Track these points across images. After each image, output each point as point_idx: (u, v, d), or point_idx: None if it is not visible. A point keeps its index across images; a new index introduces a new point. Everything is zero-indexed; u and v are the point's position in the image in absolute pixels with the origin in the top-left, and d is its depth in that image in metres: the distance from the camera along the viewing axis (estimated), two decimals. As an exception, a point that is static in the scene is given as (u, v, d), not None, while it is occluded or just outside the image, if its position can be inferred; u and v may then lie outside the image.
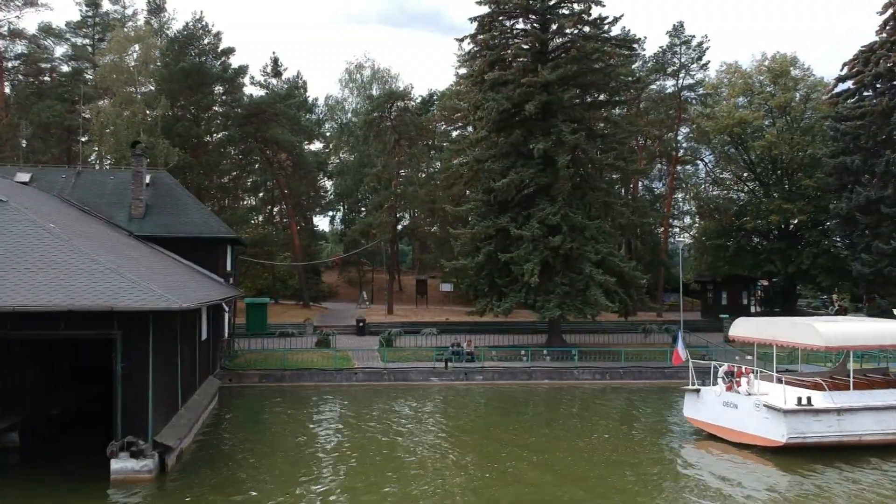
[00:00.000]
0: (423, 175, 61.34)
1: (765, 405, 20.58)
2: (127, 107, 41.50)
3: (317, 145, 71.37)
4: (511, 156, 37.49)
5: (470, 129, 46.49)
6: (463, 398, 29.86)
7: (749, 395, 21.48)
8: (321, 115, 72.52)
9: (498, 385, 32.38)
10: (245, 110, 48.10)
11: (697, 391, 23.07)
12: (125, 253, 23.19)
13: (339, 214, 77.95)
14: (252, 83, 58.98)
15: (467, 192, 48.52)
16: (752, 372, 22.28)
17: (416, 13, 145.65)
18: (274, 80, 61.08)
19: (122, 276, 17.38)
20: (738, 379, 22.37)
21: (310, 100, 66.26)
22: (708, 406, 22.59)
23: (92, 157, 41.45)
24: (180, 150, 42.05)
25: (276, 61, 65.41)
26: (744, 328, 23.77)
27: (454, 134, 55.81)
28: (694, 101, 53.34)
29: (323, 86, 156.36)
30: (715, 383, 23.27)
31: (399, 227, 63.66)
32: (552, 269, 36.06)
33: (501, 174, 36.71)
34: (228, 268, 33.96)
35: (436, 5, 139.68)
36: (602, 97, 39.77)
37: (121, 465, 16.78)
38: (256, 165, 53.54)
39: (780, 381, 21.26)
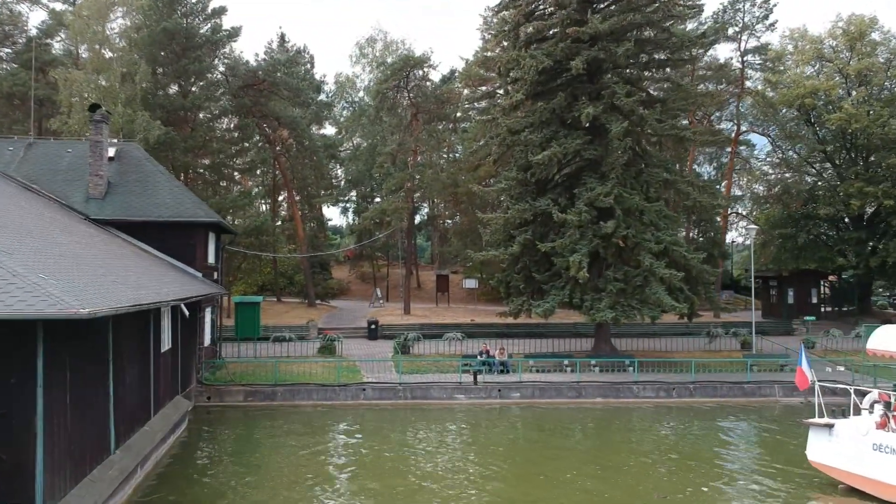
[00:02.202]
0: (444, 161, 55.05)
1: (948, 454, 14.19)
2: (100, 74, 35.67)
3: (329, 130, 65.38)
4: (552, 124, 31.25)
5: (499, 100, 39.95)
6: (498, 423, 23.66)
7: (916, 436, 15.10)
8: (331, 96, 66.35)
9: (540, 405, 26.12)
10: (241, 79, 41.83)
11: (829, 427, 16.69)
12: (51, 237, 17.26)
13: (352, 205, 72.00)
14: (256, 61, 53.14)
15: (491, 179, 42.22)
16: (920, 403, 15.86)
17: (427, 8, 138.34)
18: (279, 57, 55.12)
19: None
20: (895, 413, 15.95)
21: (318, 77, 60.07)
22: (847, 448, 16.20)
23: (57, 128, 35.35)
24: (163, 124, 36.08)
25: (282, 36, 59.76)
26: (893, 340, 17.23)
27: (481, 105, 48.88)
28: (757, 68, 46.33)
29: (332, 69, 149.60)
30: (857, 414, 16.89)
31: (416, 217, 57.61)
32: (603, 262, 29.93)
33: (541, 147, 30.43)
34: (211, 259, 28.04)
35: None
36: (660, 55, 33.12)
37: (-11, 556, 10.85)
38: (254, 143, 47.20)
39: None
